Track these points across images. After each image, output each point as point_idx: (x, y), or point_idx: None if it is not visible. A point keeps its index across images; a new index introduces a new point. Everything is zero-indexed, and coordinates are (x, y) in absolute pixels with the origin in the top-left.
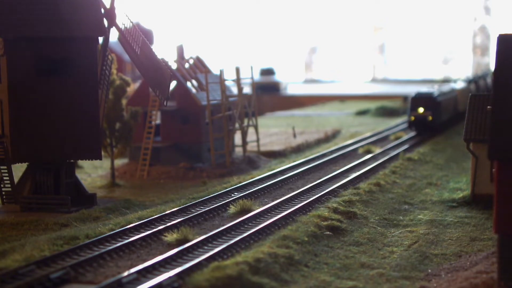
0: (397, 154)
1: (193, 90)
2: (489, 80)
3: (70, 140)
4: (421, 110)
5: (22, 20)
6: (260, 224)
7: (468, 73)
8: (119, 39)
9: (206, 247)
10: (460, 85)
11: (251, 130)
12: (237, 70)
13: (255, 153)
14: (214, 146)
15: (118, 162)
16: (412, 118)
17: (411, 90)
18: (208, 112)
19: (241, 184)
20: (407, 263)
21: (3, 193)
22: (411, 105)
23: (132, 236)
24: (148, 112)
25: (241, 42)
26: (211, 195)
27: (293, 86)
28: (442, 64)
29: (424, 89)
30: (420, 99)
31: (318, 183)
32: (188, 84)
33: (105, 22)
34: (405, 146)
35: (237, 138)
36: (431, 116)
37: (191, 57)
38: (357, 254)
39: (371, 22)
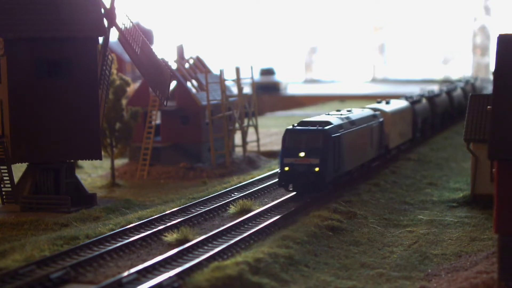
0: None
1: (193, 90)
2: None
3: (70, 140)
4: (302, 154)
5: (22, 21)
6: (260, 224)
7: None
8: (119, 39)
9: (206, 247)
10: (395, 105)
11: (251, 130)
12: (237, 70)
13: (255, 153)
14: (214, 146)
15: (118, 162)
16: (286, 168)
17: (411, 90)
18: (208, 112)
19: (241, 184)
20: (407, 263)
21: (3, 193)
22: (286, 143)
23: (132, 236)
24: (148, 112)
25: (241, 42)
26: (211, 195)
27: (293, 86)
28: (442, 64)
29: (321, 115)
30: (302, 133)
31: None
32: (188, 84)
33: (105, 22)
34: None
35: (237, 138)
36: (319, 167)
37: (191, 57)
38: (357, 254)
39: (371, 22)
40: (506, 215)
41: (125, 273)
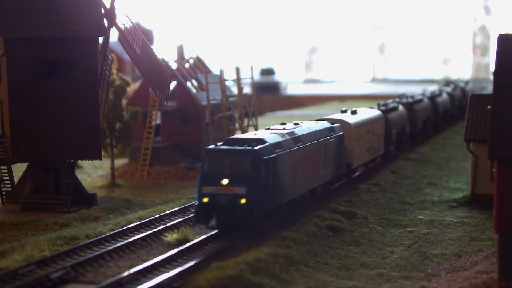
0: None
1: (193, 90)
2: (457, 92)
3: (70, 140)
4: (225, 181)
5: (22, 21)
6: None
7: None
8: (119, 39)
9: (206, 247)
10: (362, 115)
11: (251, 130)
12: (237, 70)
13: None
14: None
15: (118, 162)
16: (205, 199)
17: (411, 90)
18: (208, 112)
19: None
20: (407, 263)
21: (3, 193)
22: (205, 167)
23: (132, 236)
24: (148, 112)
25: (241, 42)
26: None
27: (293, 86)
28: (442, 64)
29: (259, 130)
30: (226, 155)
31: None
32: (188, 84)
33: (105, 22)
34: None
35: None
36: (246, 197)
37: (191, 57)
38: (357, 254)
39: (371, 22)
40: (506, 215)
41: (125, 273)
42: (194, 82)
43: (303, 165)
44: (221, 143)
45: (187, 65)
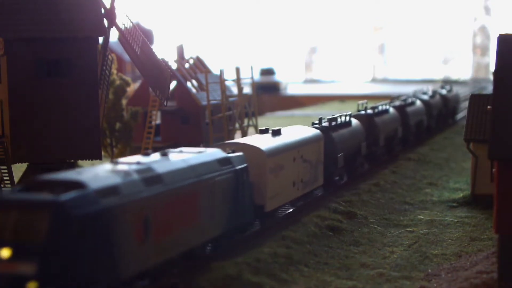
0: None
1: (193, 90)
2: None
3: (70, 140)
4: (4, 253)
5: (22, 21)
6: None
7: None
8: (119, 39)
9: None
10: (288, 137)
11: (251, 130)
12: (237, 70)
13: None
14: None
15: None
16: None
17: (411, 90)
18: (208, 112)
19: None
20: (407, 263)
21: None
22: None
23: None
24: (148, 112)
25: (241, 42)
26: None
27: (293, 86)
28: (442, 64)
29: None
30: (8, 209)
31: None
32: (188, 84)
33: (105, 22)
34: None
35: (237, 138)
36: (38, 279)
37: (191, 57)
38: (357, 254)
39: (371, 22)
40: (506, 215)
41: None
42: (194, 82)
43: (164, 218)
44: (19, 189)
45: (187, 65)
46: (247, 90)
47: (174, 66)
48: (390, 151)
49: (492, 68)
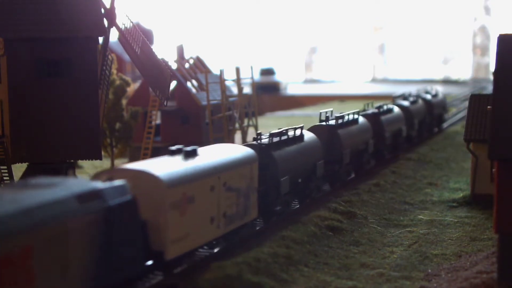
0: None
1: (193, 90)
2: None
3: (70, 140)
4: None
5: (22, 21)
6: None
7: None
8: (119, 39)
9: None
10: (202, 159)
11: (251, 130)
12: (237, 70)
13: None
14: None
15: (118, 162)
16: None
17: (411, 90)
18: (208, 112)
19: None
20: (407, 263)
21: None
22: None
23: None
24: (148, 112)
25: (241, 42)
26: None
27: (293, 86)
28: (442, 64)
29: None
30: None
31: None
32: (188, 84)
33: (105, 22)
34: None
35: (237, 138)
36: None
37: (191, 57)
38: (357, 254)
39: (371, 22)
40: (506, 215)
41: None
42: (194, 82)
43: None
44: None
45: (187, 65)
46: (247, 90)
47: (174, 66)
48: (359, 168)
49: (492, 68)
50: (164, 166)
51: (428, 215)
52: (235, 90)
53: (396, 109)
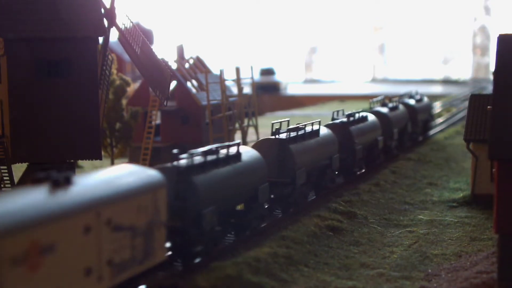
0: None
1: (193, 90)
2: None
3: (70, 140)
4: None
5: (22, 21)
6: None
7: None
8: (119, 39)
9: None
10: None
11: (251, 130)
12: (237, 70)
13: None
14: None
15: (118, 162)
16: None
17: (411, 90)
18: (208, 112)
19: None
20: (407, 263)
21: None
22: None
23: None
24: (148, 112)
25: (241, 42)
26: None
27: (293, 86)
28: (442, 64)
29: None
30: None
31: None
32: (188, 84)
33: (105, 22)
34: None
35: (237, 138)
36: None
37: (191, 57)
38: (357, 254)
39: (371, 22)
40: (506, 215)
41: None
42: (194, 82)
43: None
44: None
45: (187, 65)
46: (247, 90)
47: (174, 66)
48: (319, 189)
49: (492, 68)
50: (7, 204)
51: (428, 215)
52: (235, 90)
53: (371, 118)
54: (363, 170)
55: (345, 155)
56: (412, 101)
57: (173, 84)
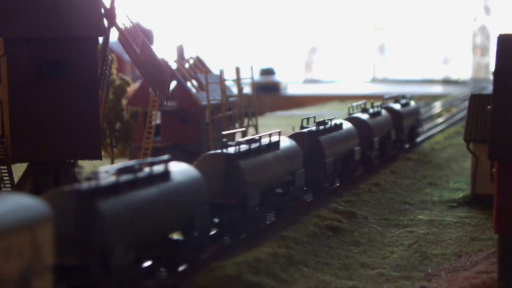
0: None
1: (193, 90)
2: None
3: (70, 140)
4: None
5: (22, 21)
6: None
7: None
8: (119, 39)
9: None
10: None
11: (251, 130)
12: (237, 70)
13: None
14: (214, 146)
15: (118, 162)
16: None
17: (411, 90)
18: (208, 112)
19: None
20: (407, 263)
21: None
22: None
23: None
24: (148, 112)
25: (241, 42)
26: None
27: (293, 86)
28: (442, 64)
29: None
30: None
31: None
32: (188, 84)
33: (105, 22)
34: None
35: (237, 138)
36: None
37: (191, 57)
38: (357, 254)
39: (371, 22)
40: (506, 215)
41: None
42: (194, 82)
43: None
44: None
45: (187, 65)
46: (247, 90)
47: (174, 66)
48: (280, 209)
49: (492, 68)
50: None
51: (428, 215)
52: (235, 90)
53: (347, 125)
54: (337, 185)
55: (312, 170)
56: (397, 106)
57: (173, 84)
